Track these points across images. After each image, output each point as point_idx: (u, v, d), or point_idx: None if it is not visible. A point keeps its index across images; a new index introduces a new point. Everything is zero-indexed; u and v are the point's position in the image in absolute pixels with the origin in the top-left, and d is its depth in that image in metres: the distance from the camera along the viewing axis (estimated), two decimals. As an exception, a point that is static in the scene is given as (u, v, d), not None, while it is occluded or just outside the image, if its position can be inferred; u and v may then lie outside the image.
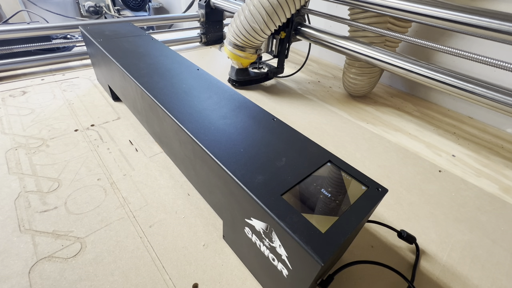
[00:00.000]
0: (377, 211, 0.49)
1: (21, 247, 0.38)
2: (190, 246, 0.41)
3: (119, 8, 2.13)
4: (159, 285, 0.36)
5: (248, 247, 0.34)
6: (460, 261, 0.42)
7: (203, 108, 0.42)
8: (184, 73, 0.53)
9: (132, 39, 0.67)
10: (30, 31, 0.82)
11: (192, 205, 0.47)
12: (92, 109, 0.70)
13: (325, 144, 0.65)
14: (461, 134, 0.77)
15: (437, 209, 0.51)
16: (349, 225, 0.26)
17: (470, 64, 0.79)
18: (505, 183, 0.59)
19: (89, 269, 0.37)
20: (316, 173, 0.32)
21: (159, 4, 2.35)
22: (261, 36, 0.73)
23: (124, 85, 0.58)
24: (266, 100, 0.83)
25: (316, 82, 1.00)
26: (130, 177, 0.51)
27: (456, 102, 0.89)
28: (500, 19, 0.48)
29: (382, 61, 0.69)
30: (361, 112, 0.82)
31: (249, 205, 0.29)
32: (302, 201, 0.28)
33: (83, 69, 0.90)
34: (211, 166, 0.35)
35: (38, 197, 0.46)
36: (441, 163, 0.64)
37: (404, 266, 0.41)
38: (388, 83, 1.05)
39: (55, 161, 0.53)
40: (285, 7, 0.68)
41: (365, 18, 0.72)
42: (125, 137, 0.61)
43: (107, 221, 0.43)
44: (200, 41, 1.25)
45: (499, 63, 0.50)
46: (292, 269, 0.27)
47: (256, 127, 0.39)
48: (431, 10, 0.55)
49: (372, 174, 0.58)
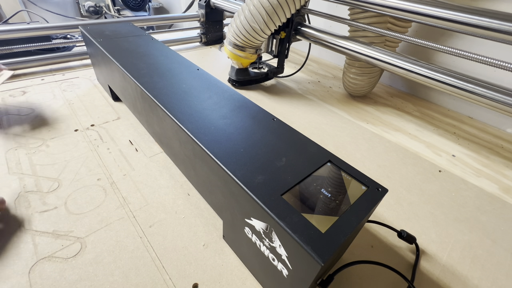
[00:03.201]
0: (377, 211, 0.49)
1: (21, 247, 0.38)
2: (190, 246, 0.41)
3: (119, 8, 2.13)
4: (159, 285, 0.36)
5: (248, 247, 0.34)
6: (460, 261, 0.42)
7: (203, 108, 0.42)
8: (184, 73, 0.53)
9: (132, 39, 0.67)
10: (30, 31, 0.82)
11: (192, 205, 0.47)
12: (92, 109, 0.70)
13: (325, 144, 0.65)
14: (461, 134, 0.77)
15: (437, 209, 0.51)
16: (349, 225, 0.26)
17: (470, 64, 0.79)
18: (505, 183, 0.59)
19: (89, 269, 0.37)
20: (316, 173, 0.32)
21: (159, 4, 2.35)
22: (261, 36, 0.73)
23: (124, 85, 0.58)
24: (266, 100, 0.83)
25: (316, 82, 1.00)
26: (130, 177, 0.51)
27: (456, 102, 0.89)
28: (500, 19, 0.48)
29: (382, 61, 0.69)
30: (361, 112, 0.82)
31: (249, 205, 0.29)
32: (302, 201, 0.28)
33: (83, 69, 0.90)
34: (211, 166, 0.35)
35: (38, 197, 0.46)
36: (441, 163, 0.64)
37: (404, 266, 0.41)
38: (388, 83, 1.05)
39: (55, 161, 0.53)
40: (285, 7, 0.68)
41: (365, 18, 0.72)
42: (125, 137, 0.61)
43: (107, 221, 0.43)
44: (200, 41, 1.25)
45: (499, 63, 0.50)
46: (292, 269, 0.27)
47: (256, 127, 0.39)
48: (431, 10, 0.55)
49: (372, 174, 0.58)
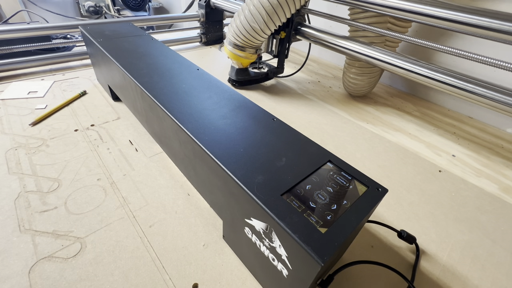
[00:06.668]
0: (377, 211, 0.49)
1: (21, 247, 0.38)
2: (190, 246, 0.41)
3: (119, 8, 2.13)
4: (159, 285, 0.36)
5: (248, 247, 0.34)
6: (460, 261, 0.42)
7: (203, 108, 0.42)
8: (184, 73, 0.53)
9: (132, 39, 0.67)
10: (30, 31, 0.82)
11: (192, 205, 0.47)
12: (92, 109, 0.70)
13: (325, 144, 0.65)
14: (461, 134, 0.77)
15: (437, 209, 0.51)
16: (349, 225, 0.26)
17: (470, 64, 0.79)
18: (505, 183, 0.59)
19: (89, 269, 0.37)
20: (316, 173, 0.32)
21: (159, 4, 2.35)
22: (261, 36, 0.73)
23: (124, 85, 0.58)
24: (266, 100, 0.83)
25: (316, 82, 1.00)
26: (130, 177, 0.51)
27: (456, 102, 0.89)
28: (500, 19, 0.48)
29: (382, 61, 0.69)
30: (361, 112, 0.82)
31: (249, 205, 0.29)
32: (302, 201, 0.28)
33: (83, 69, 0.90)
34: (211, 166, 0.35)
35: (38, 197, 0.46)
36: (441, 163, 0.64)
37: (404, 266, 0.41)
38: (388, 83, 1.05)
39: (55, 161, 0.53)
40: (285, 7, 0.68)
41: (365, 18, 0.72)
42: (125, 137, 0.61)
43: (107, 221, 0.43)
44: (200, 41, 1.25)
45: (499, 63, 0.50)
46: (292, 269, 0.27)
47: (256, 127, 0.39)
48: (431, 10, 0.55)
49: (372, 174, 0.58)
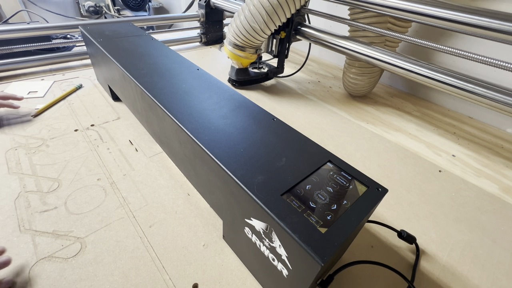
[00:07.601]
0: (377, 211, 0.49)
1: (21, 247, 0.38)
2: (190, 246, 0.41)
3: (119, 8, 2.13)
4: (159, 285, 0.36)
5: (248, 247, 0.34)
6: (460, 261, 0.42)
7: (203, 108, 0.42)
8: (184, 73, 0.53)
9: (132, 39, 0.67)
10: (30, 31, 0.82)
11: (192, 205, 0.47)
12: (92, 109, 0.70)
13: (325, 144, 0.65)
14: (461, 134, 0.77)
15: (437, 209, 0.51)
16: (349, 225, 0.26)
17: (470, 64, 0.79)
18: (505, 183, 0.59)
19: (89, 269, 0.37)
20: (316, 173, 0.32)
21: (159, 4, 2.35)
22: (261, 36, 0.73)
23: (124, 85, 0.58)
24: (266, 100, 0.83)
25: (316, 82, 1.00)
26: (130, 177, 0.51)
27: (456, 102, 0.89)
28: (500, 19, 0.48)
29: (382, 61, 0.69)
30: (361, 112, 0.82)
31: (249, 205, 0.29)
32: (302, 201, 0.28)
33: (83, 69, 0.90)
34: (211, 166, 0.35)
35: (38, 197, 0.46)
36: (441, 163, 0.64)
37: (404, 266, 0.41)
38: (388, 83, 1.05)
39: (55, 161, 0.53)
40: (285, 7, 0.68)
41: (365, 18, 0.72)
42: (125, 137, 0.61)
43: (107, 221, 0.43)
44: (200, 41, 1.25)
45: (499, 63, 0.50)
46: (292, 269, 0.27)
47: (256, 127, 0.39)
48: (431, 10, 0.55)
49: (372, 174, 0.58)
